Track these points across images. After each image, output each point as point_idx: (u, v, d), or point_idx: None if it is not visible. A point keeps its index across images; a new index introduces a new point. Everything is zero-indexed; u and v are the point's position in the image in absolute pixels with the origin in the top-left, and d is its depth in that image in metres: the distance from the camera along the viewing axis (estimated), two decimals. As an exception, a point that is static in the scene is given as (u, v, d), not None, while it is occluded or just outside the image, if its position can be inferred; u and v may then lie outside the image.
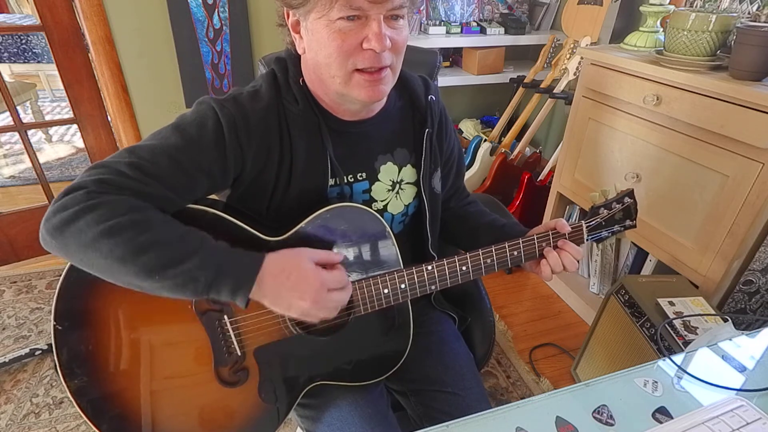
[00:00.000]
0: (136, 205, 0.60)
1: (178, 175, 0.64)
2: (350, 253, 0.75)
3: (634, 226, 0.82)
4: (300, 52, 0.72)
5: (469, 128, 2.63)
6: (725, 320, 1.12)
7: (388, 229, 0.76)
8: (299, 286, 0.63)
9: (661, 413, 0.56)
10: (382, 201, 0.83)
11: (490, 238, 0.78)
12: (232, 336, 0.72)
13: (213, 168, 0.67)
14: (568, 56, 2.00)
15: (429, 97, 0.83)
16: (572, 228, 0.79)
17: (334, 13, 0.62)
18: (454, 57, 2.48)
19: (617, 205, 0.80)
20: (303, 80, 0.74)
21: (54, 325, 0.65)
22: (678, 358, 0.65)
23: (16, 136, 2.05)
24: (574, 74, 1.96)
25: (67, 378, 0.66)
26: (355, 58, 0.65)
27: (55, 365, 0.66)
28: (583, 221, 0.80)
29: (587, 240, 0.80)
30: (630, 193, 0.81)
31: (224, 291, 0.60)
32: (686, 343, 1.07)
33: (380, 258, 0.76)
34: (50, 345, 0.65)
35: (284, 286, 0.63)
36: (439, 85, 0.93)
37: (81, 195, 0.58)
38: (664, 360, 0.65)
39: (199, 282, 0.59)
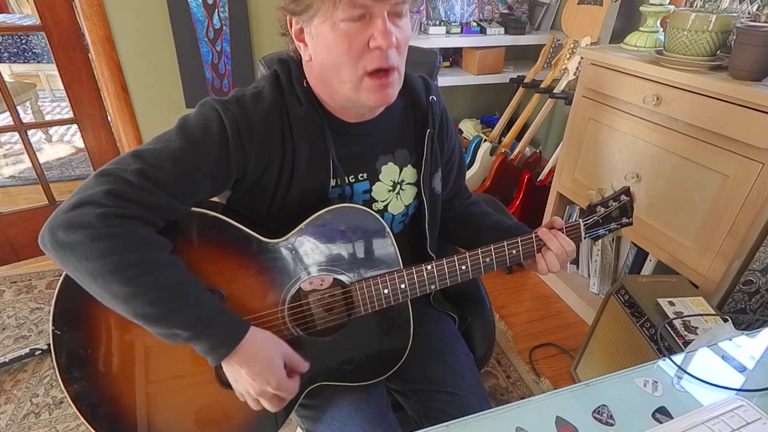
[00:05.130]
0: (142, 239, 0.61)
1: (182, 179, 0.64)
2: (350, 254, 0.75)
3: (631, 224, 0.82)
4: (305, 59, 0.71)
5: (469, 128, 2.63)
6: (725, 320, 1.12)
7: (388, 229, 0.76)
8: (262, 374, 0.66)
9: (661, 413, 0.56)
10: (382, 201, 0.83)
11: (495, 240, 0.78)
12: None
13: (216, 170, 0.67)
14: (568, 56, 2.00)
15: (430, 97, 0.83)
16: (570, 225, 0.79)
17: (338, 14, 0.62)
18: (454, 57, 2.48)
19: (614, 203, 0.81)
20: (306, 82, 0.74)
21: (53, 329, 0.65)
22: (678, 358, 0.65)
23: (16, 136, 2.05)
24: (574, 74, 1.96)
25: (66, 382, 0.66)
26: (364, 60, 0.65)
27: (55, 369, 0.66)
28: (580, 219, 0.80)
29: (585, 238, 0.81)
30: (626, 191, 0.81)
31: (200, 349, 0.64)
32: (686, 343, 1.07)
33: (380, 258, 0.76)
34: (50, 345, 0.65)
35: (250, 366, 0.66)
36: (439, 85, 0.93)
37: (93, 217, 0.58)
38: (664, 360, 0.65)
39: (179, 337, 0.62)
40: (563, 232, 0.78)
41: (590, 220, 0.80)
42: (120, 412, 0.69)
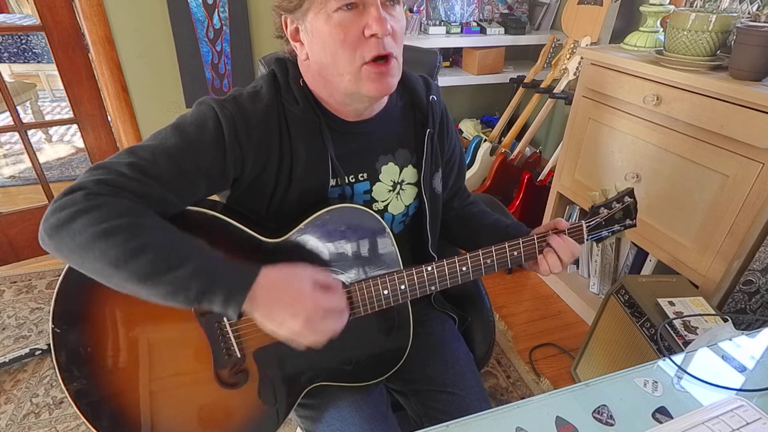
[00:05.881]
0: (133, 208, 0.59)
1: (178, 175, 0.64)
2: (350, 254, 0.75)
3: (634, 225, 0.82)
4: (302, 58, 0.71)
5: (469, 128, 2.63)
6: (725, 320, 1.12)
7: (388, 229, 0.76)
8: (294, 304, 0.60)
9: (661, 413, 0.56)
10: (382, 201, 0.83)
11: (493, 239, 0.77)
12: (232, 338, 0.72)
13: (212, 169, 0.67)
14: (568, 56, 2.00)
15: (430, 97, 0.83)
16: (573, 227, 0.79)
17: (331, 5, 0.62)
18: (454, 57, 2.48)
19: (617, 205, 0.80)
20: (303, 81, 0.74)
21: (52, 328, 0.65)
22: (678, 358, 0.65)
23: (16, 136, 2.05)
24: (574, 74, 1.96)
25: (66, 381, 0.66)
26: (361, 50, 0.65)
27: (55, 368, 0.66)
28: (583, 221, 0.80)
29: (587, 240, 0.80)
30: (630, 192, 0.81)
31: (216, 301, 0.58)
32: (686, 343, 1.07)
33: (380, 259, 0.76)
34: (50, 345, 0.65)
35: (278, 303, 0.60)
36: (439, 85, 0.93)
37: (80, 196, 0.58)
38: (664, 360, 0.65)
39: (191, 291, 0.57)
40: (566, 234, 0.78)
41: (593, 222, 0.80)
42: (120, 411, 0.69)
